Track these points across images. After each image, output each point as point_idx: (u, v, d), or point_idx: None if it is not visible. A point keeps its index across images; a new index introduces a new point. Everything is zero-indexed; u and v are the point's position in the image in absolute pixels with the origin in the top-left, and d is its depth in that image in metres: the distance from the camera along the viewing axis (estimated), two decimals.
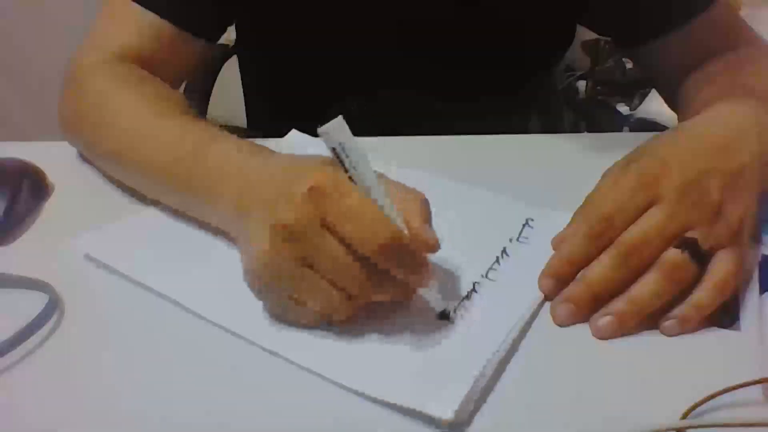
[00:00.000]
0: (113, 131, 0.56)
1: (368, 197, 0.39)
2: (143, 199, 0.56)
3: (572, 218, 0.49)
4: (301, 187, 0.39)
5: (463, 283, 0.46)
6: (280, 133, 0.63)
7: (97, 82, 0.60)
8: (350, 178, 0.39)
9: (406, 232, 0.40)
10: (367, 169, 0.39)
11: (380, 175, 0.41)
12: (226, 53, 1.05)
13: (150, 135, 0.54)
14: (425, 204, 0.42)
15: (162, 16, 0.62)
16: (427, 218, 0.42)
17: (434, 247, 0.41)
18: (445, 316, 0.43)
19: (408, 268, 0.40)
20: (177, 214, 0.53)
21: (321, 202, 0.39)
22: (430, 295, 0.43)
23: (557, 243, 0.49)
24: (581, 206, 0.49)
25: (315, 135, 0.39)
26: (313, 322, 0.43)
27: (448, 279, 0.47)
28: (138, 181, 0.56)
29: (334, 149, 0.38)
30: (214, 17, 0.67)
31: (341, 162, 0.39)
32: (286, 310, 0.43)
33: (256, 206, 0.43)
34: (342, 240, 0.39)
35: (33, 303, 0.44)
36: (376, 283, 0.40)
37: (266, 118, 0.87)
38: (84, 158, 0.62)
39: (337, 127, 0.38)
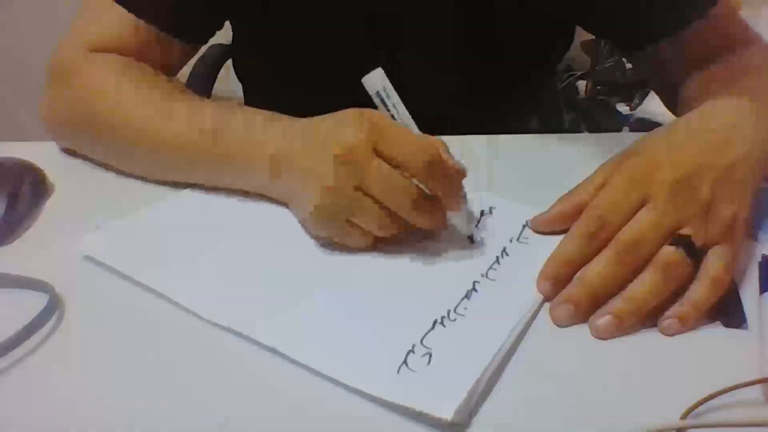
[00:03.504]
0: (122, 120, 0.57)
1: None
2: (143, 198, 0.56)
3: (555, 203, 0.50)
4: (353, 121, 0.46)
5: (464, 282, 0.46)
6: None
7: (92, 75, 0.60)
8: (392, 117, 0.48)
9: None
10: (403, 110, 0.48)
11: None
12: (226, 53, 1.05)
13: (165, 116, 0.55)
14: (444, 144, 0.48)
15: (141, 17, 0.62)
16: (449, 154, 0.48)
17: (464, 173, 0.48)
18: (471, 240, 0.50)
19: (447, 188, 0.47)
20: (176, 210, 0.54)
21: (373, 132, 0.46)
22: (460, 220, 0.50)
23: (536, 223, 0.51)
24: (567, 193, 0.50)
25: None
26: (364, 244, 0.49)
27: (449, 276, 0.47)
28: (157, 166, 0.57)
29: (377, 93, 0.48)
30: (198, 20, 0.66)
31: (384, 104, 0.48)
32: (344, 236, 0.48)
33: (299, 157, 0.49)
34: (392, 163, 0.45)
35: (33, 303, 0.44)
36: (420, 205, 0.46)
37: None
38: (84, 158, 0.62)
39: (379, 75, 0.47)
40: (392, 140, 0.46)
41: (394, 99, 0.48)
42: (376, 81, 0.47)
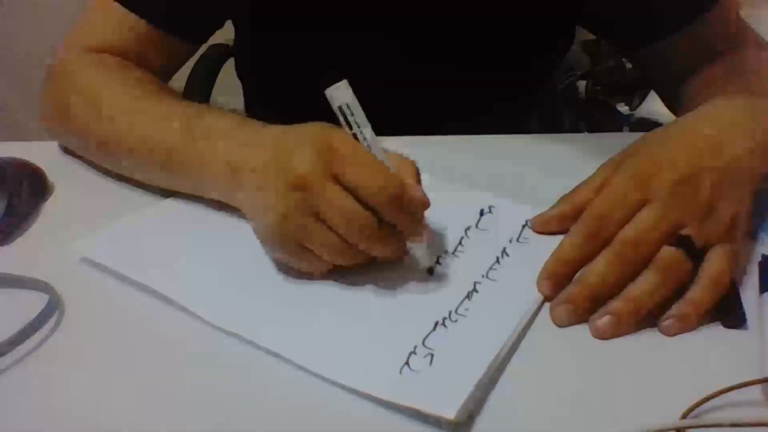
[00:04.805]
0: (97, 121, 0.56)
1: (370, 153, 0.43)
2: (143, 198, 0.56)
3: (555, 203, 0.51)
4: (311, 143, 0.43)
5: (464, 282, 0.46)
6: None
7: (78, 74, 0.60)
8: (354, 136, 0.43)
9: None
10: (367, 129, 0.44)
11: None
12: (226, 53, 1.05)
13: (133, 120, 0.55)
14: (415, 167, 0.46)
15: (142, 17, 0.62)
16: (418, 180, 0.46)
17: (427, 203, 0.45)
18: (431, 271, 0.47)
19: (408, 221, 0.44)
20: (176, 211, 0.54)
21: (331, 157, 0.42)
22: (421, 251, 0.47)
23: (536, 223, 0.51)
24: (567, 194, 0.50)
25: None
26: (322, 270, 0.46)
27: (449, 278, 0.47)
28: (130, 169, 0.56)
29: (339, 108, 0.43)
30: (198, 19, 0.66)
31: (346, 120, 0.43)
32: (297, 261, 0.45)
33: (254, 170, 0.45)
34: (351, 192, 0.42)
35: (33, 303, 0.44)
36: (378, 237, 0.43)
37: (267, 119, 0.87)
38: (84, 158, 0.62)
39: (343, 88, 0.43)
40: (352, 167, 0.42)
41: (358, 116, 0.43)
42: (340, 94, 0.43)
